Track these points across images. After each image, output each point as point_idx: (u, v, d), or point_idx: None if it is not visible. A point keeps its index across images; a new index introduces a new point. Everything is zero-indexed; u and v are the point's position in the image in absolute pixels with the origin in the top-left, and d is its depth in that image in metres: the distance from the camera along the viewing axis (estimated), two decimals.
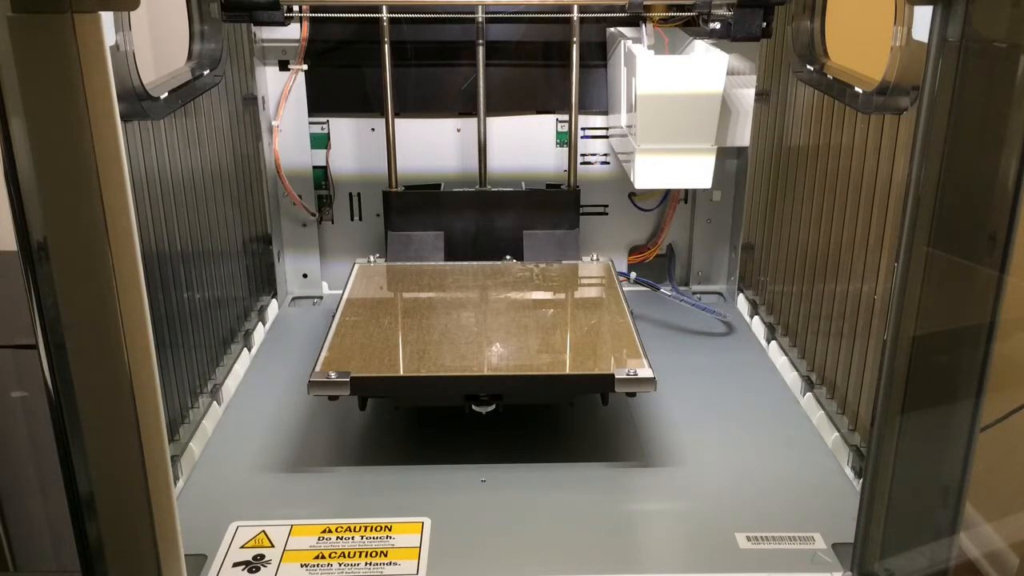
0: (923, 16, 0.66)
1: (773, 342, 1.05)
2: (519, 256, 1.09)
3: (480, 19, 1.06)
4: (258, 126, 1.08)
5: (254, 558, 0.69)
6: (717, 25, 0.96)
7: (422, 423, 0.89)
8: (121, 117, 0.49)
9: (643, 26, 1.01)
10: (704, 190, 1.16)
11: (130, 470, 0.54)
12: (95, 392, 0.52)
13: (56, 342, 0.50)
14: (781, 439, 0.86)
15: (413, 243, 1.09)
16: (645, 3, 0.97)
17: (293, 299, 1.20)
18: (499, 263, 1.07)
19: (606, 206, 1.19)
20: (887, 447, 0.65)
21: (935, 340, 0.63)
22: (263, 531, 0.72)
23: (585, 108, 1.12)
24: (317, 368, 0.80)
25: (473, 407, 0.80)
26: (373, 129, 1.13)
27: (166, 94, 0.80)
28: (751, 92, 1.02)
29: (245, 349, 1.03)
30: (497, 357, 0.83)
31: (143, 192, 0.75)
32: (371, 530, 0.72)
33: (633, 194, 1.18)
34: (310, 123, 1.12)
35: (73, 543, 0.54)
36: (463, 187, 1.12)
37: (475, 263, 1.07)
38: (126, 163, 0.49)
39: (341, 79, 1.11)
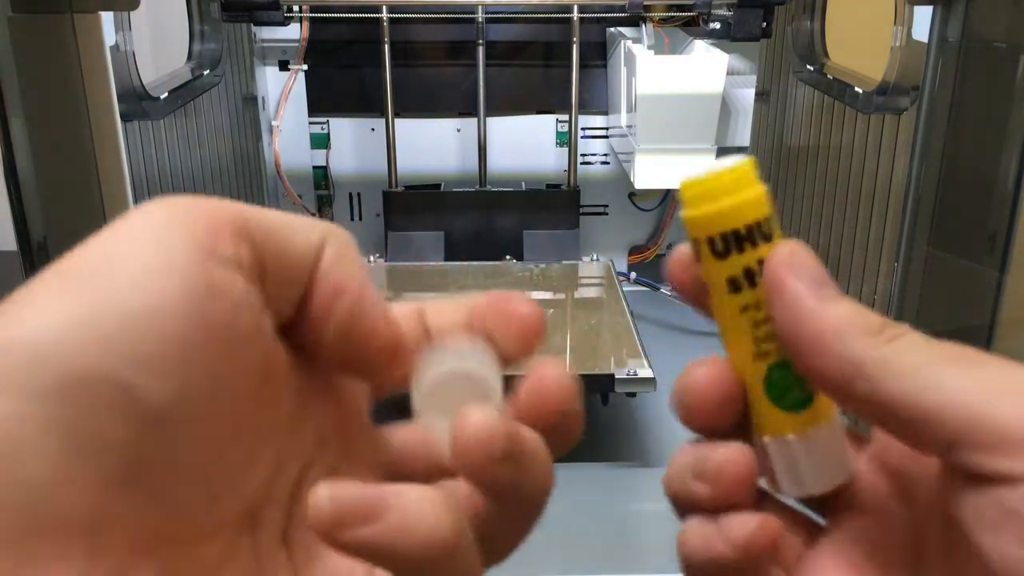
0: (923, 16, 0.66)
1: None
2: (519, 256, 1.09)
3: (480, 19, 1.05)
4: (258, 126, 1.08)
5: None
6: (717, 25, 0.96)
7: None
8: (121, 117, 0.49)
9: (643, 26, 1.00)
10: None
11: None
12: None
13: None
14: None
15: (413, 243, 1.09)
16: (645, 3, 0.97)
17: None
18: (499, 263, 1.07)
19: (606, 206, 1.19)
20: None
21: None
22: None
23: (585, 108, 1.12)
24: None
25: None
26: (373, 129, 1.13)
27: (166, 94, 0.80)
28: (751, 92, 1.02)
29: None
30: None
31: (143, 192, 0.75)
32: None
33: (633, 194, 1.18)
34: (310, 123, 1.12)
35: None
36: (463, 187, 1.12)
37: (475, 263, 1.07)
38: (126, 163, 0.49)
39: (341, 79, 1.11)
